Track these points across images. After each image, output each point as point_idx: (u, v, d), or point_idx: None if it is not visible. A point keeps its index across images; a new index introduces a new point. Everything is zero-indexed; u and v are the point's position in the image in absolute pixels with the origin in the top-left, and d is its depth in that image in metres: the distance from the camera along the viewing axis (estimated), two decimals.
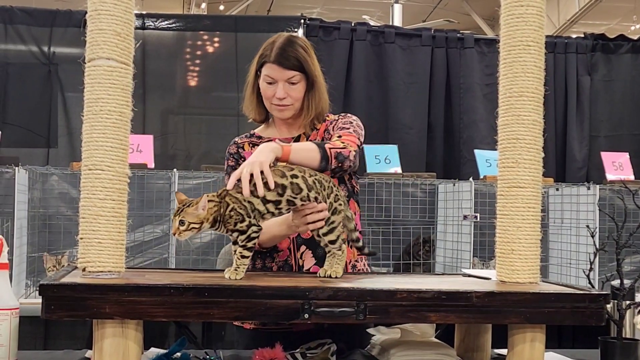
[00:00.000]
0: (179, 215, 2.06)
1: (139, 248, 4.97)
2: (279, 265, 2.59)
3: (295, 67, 2.55)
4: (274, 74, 2.56)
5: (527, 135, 2.17)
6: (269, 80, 2.58)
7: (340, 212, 2.24)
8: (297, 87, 2.58)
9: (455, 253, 5.05)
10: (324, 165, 2.37)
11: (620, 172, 5.28)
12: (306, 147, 2.38)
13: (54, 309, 1.77)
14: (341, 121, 2.66)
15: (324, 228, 2.21)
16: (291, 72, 2.55)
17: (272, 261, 2.60)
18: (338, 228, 2.22)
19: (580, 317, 1.99)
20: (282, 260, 2.58)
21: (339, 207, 2.24)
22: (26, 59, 5.58)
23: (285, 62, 2.54)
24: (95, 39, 2.00)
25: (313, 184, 2.18)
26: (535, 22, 2.18)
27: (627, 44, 6.35)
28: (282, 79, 2.56)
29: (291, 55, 2.55)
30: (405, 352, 2.30)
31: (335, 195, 2.23)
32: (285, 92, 2.56)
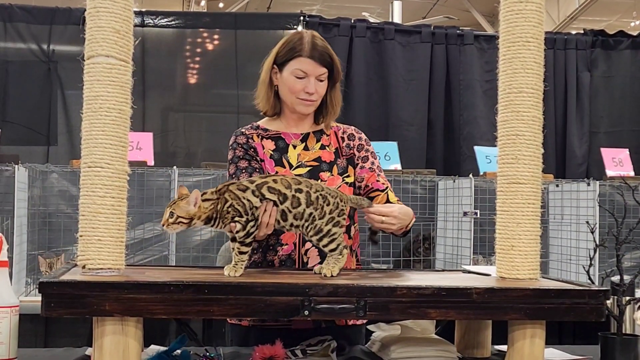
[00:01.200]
0: (170, 207, 2.08)
1: (139, 245, 4.97)
2: (281, 259, 2.57)
3: (327, 64, 2.58)
4: (307, 69, 2.56)
5: (527, 132, 2.16)
6: (300, 75, 2.57)
7: (342, 226, 2.22)
8: (324, 84, 2.61)
9: (455, 249, 5.05)
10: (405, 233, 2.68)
11: (620, 168, 5.28)
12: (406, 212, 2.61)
13: (53, 307, 1.78)
14: (367, 149, 2.75)
15: (324, 240, 2.18)
16: (323, 69, 2.57)
17: (275, 254, 2.57)
18: (338, 238, 2.19)
19: (580, 313, 1.99)
20: (285, 255, 2.57)
21: (342, 222, 2.21)
22: (26, 56, 5.58)
23: (320, 58, 2.56)
24: (94, 36, 2.00)
25: (316, 200, 2.17)
26: (534, 18, 2.18)
27: (626, 40, 6.34)
28: (314, 74, 2.57)
29: (325, 52, 2.58)
30: (405, 349, 2.30)
31: (340, 210, 2.21)
32: (314, 87, 2.57)
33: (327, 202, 2.19)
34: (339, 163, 2.65)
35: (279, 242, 2.57)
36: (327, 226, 2.18)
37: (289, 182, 2.18)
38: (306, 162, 2.62)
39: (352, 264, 2.66)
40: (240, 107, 5.59)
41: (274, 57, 2.63)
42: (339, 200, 2.21)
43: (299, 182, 2.19)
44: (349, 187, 2.63)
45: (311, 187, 2.19)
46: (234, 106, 5.65)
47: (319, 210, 2.18)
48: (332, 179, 2.60)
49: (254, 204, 2.13)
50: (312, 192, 2.18)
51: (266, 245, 2.59)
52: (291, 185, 2.18)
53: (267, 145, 2.63)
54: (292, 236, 2.55)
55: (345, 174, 2.63)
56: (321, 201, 2.18)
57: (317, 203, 2.18)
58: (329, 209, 2.19)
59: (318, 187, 2.20)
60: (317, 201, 2.18)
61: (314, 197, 2.18)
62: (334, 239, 2.19)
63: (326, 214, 2.18)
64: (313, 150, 2.65)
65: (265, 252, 2.60)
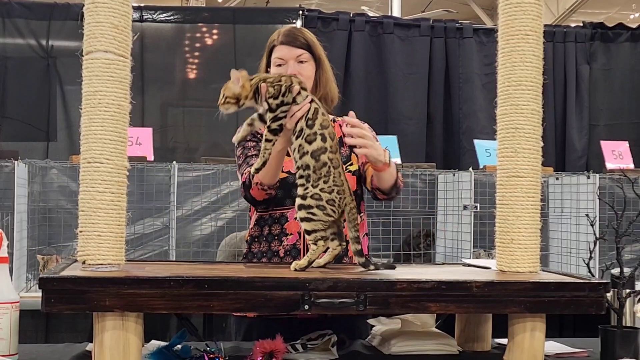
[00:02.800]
0: (222, 89, 2.20)
1: (139, 241, 4.97)
2: (286, 249, 2.59)
3: (303, 45, 2.63)
4: (283, 54, 2.63)
5: (526, 125, 2.16)
6: (279, 62, 2.64)
7: (328, 216, 2.14)
8: (306, 66, 2.65)
9: (455, 243, 5.05)
10: (391, 191, 2.58)
11: (620, 161, 5.28)
12: (394, 171, 2.56)
13: (54, 302, 1.77)
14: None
15: (301, 212, 2.15)
16: (299, 50, 2.63)
17: (280, 244, 2.59)
18: (317, 223, 2.14)
19: (581, 306, 1.99)
20: (290, 245, 2.58)
21: (328, 211, 2.14)
22: (24, 52, 5.57)
23: (293, 42, 2.63)
24: (93, 31, 2.00)
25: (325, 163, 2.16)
26: (533, 11, 2.18)
27: (626, 32, 6.33)
28: (291, 57, 2.63)
29: (298, 35, 2.66)
30: (405, 343, 2.31)
31: (332, 199, 2.14)
32: (295, 70, 2.60)
33: (329, 178, 2.15)
34: (341, 152, 2.65)
35: (284, 231, 2.59)
36: (311, 200, 2.14)
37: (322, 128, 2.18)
38: None
39: None
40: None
41: (265, 57, 2.73)
42: (339, 192, 2.15)
43: (329, 138, 2.18)
44: (352, 175, 2.64)
45: (333, 157, 2.16)
46: None
47: (320, 174, 2.15)
48: None
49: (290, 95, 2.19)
50: (328, 155, 2.16)
51: (271, 235, 2.61)
52: (324, 131, 2.17)
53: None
54: (296, 226, 2.55)
55: (349, 162, 2.64)
56: (325, 170, 2.15)
57: (324, 167, 2.15)
58: (327, 185, 2.15)
59: (337, 165, 2.17)
60: (325, 166, 2.15)
61: (325, 158, 2.15)
62: (310, 218, 2.14)
63: (322, 185, 2.15)
64: None
65: (270, 242, 2.61)
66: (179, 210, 4.91)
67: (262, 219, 2.66)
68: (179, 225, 4.91)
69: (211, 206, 5.14)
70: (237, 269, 2.27)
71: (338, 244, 2.19)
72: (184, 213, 5.10)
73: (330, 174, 2.15)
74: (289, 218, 2.59)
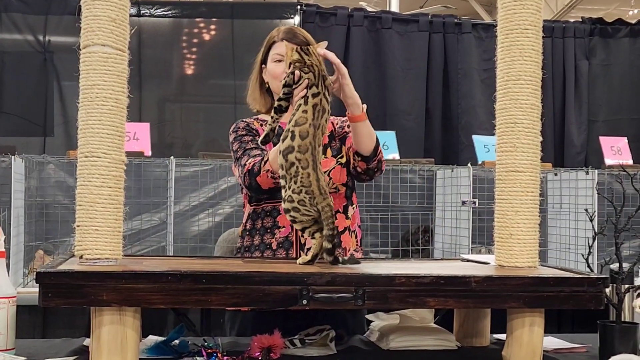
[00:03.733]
0: None
1: (136, 236, 4.97)
2: (278, 241, 2.61)
3: (303, 43, 2.59)
4: (282, 51, 2.60)
5: (525, 120, 2.16)
6: (277, 58, 2.66)
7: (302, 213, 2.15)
8: None
9: (454, 239, 5.05)
10: (370, 157, 2.53)
11: (619, 157, 5.28)
12: (372, 129, 2.52)
13: (51, 297, 1.77)
14: None
15: (286, 215, 2.17)
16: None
17: (272, 237, 2.61)
18: (301, 223, 2.16)
19: (579, 301, 1.99)
20: (282, 237, 2.60)
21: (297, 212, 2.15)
22: (21, 47, 5.56)
23: (294, 39, 2.61)
24: (90, 25, 1.99)
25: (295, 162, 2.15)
26: (533, 5, 2.17)
27: (625, 28, 6.32)
28: None
29: (298, 33, 2.68)
30: (404, 338, 2.31)
31: (302, 200, 2.14)
32: None
33: (297, 179, 2.14)
34: (332, 145, 2.68)
35: (276, 224, 2.61)
36: (287, 203, 2.15)
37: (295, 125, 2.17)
38: None
39: (352, 244, 2.67)
40: (237, 97, 5.57)
41: (261, 58, 2.75)
42: (307, 192, 2.13)
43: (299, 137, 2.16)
44: (343, 167, 2.65)
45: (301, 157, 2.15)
46: (231, 96, 5.64)
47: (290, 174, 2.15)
48: (325, 161, 2.61)
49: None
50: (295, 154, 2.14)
51: (264, 228, 2.63)
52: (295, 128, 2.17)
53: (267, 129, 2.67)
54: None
55: (340, 154, 2.65)
56: (294, 170, 2.15)
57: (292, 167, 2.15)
58: (297, 186, 2.14)
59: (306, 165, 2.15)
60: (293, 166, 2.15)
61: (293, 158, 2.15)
62: (294, 220, 2.16)
63: (292, 186, 2.15)
64: None
65: (263, 235, 2.64)
66: (176, 205, 4.90)
67: (254, 212, 2.68)
68: (177, 221, 4.91)
69: (209, 201, 5.13)
70: (235, 263, 2.26)
71: (319, 235, 2.18)
72: (182, 208, 5.09)
73: (299, 174, 2.14)
74: (281, 211, 2.58)
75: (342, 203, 2.66)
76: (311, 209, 2.14)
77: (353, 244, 2.68)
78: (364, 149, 2.53)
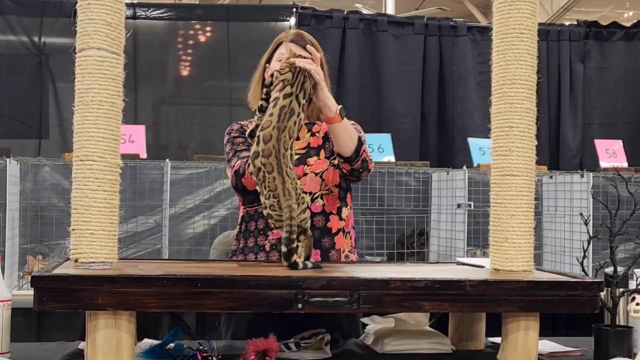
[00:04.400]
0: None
1: (131, 239, 4.96)
2: (271, 243, 2.61)
3: (306, 46, 2.63)
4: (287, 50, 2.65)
5: (521, 123, 2.16)
6: (281, 58, 2.64)
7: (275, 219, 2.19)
8: None
9: (449, 242, 5.05)
10: (352, 158, 2.51)
11: (614, 160, 5.29)
12: (352, 130, 2.51)
13: (46, 301, 1.77)
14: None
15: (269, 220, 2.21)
16: (304, 52, 2.60)
17: (265, 239, 2.62)
18: (283, 227, 2.16)
19: (574, 305, 1.99)
20: (275, 239, 2.60)
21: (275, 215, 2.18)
22: (16, 49, 5.54)
23: (301, 41, 2.65)
24: (86, 28, 1.99)
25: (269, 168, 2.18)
26: (528, 9, 2.18)
27: (620, 31, 6.33)
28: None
29: (307, 37, 2.68)
30: (399, 342, 2.31)
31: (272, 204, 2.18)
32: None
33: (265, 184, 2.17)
34: (326, 147, 2.69)
35: (269, 226, 2.60)
36: (264, 209, 2.19)
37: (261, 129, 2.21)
38: (296, 151, 2.64)
39: (346, 245, 2.68)
40: (232, 100, 5.57)
41: (266, 57, 2.75)
42: (274, 196, 2.16)
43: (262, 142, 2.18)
44: (336, 169, 2.65)
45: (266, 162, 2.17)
46: (227, 98, 5.63)
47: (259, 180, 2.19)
48: (319, 162, 2.64)
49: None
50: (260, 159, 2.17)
51: (257, 230, 2.65)
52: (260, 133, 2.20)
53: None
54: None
55: (333, 156, 2.64)
56: (261, 176, 2.17)
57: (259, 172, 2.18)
58: (266, 191, 2.17)
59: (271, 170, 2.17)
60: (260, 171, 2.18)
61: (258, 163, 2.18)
62: (274, 226, 2.23)
63: (264, 191, 2.18)
64: (303, 140, 2.70)
65: (257, 237, 2.65)
66: (171, 208, 4.89)
67: (248, 214, 2.70)
68: (172, 224, 4.90)
69: (204, 204, 5.13)
70: (231, 267, 2.26)
71: (304, 237, 2.21)
72: (177, 211, 5.08)
73: (265, 179, 2.16)
74: None
75: (336, 204, 2.66)
76: (281, 213, 2.16)
77: (348, 245, 2.69)
78: (344, 151, 2.53)
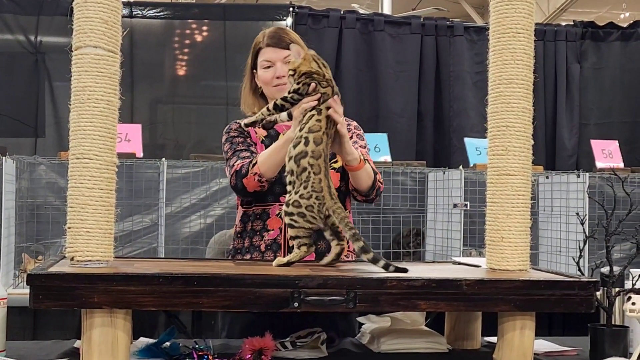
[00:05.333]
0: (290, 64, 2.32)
1: (127, 238, 4.95)
2: (267, 244, 2.62)
3: (287, 45, 2.60)
4: (270, 57, 2.68)
5: (517, 123, 2.17)
6: (266, 65, 2.68)
7: (309, 223, 2.18)
8: None
9: (445, 241, 5.05)
10: (369, 192, 2.58)
11: (610, 160, 5.29)
12: (370, 169, 2.56)
13: (42, 299, 1.77)
14: (355, 132, 2.76)
15: (286, 218, 2.20)
16: (286, 52, 2.62)
17: (261, 239, 2.63)
18: (299, 230, 2.18)
19: (570, 305, 1.99)
20: (271, 239, 2.62)
21: (305, 217, 2.17)
22: (13, 48, 5.53)
23: (279, 43, 2.66)
24: (82, 26, 1.99)
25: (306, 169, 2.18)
26: (525, 9, 2.18)
27: (616, 31, 6.33)
28: (278, 59, 2.67)
29: (283, 36, 2.68)
30: (395, 341, 2.31)
31: (311, 205, 2.17)
32: (283, 70, 2.62)
33: (307, 184, 2.17)
34: None
35: (265, 227, 2.63)
36: (292, 207, 2.18)
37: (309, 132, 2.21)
38: None
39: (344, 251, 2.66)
40: (229, 99, 5.56)
41: (250, 60, 2.77)
42: (317, 198, 2.17)
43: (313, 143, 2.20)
44: (337, 172, 2.65)
45: (314, 163, 2.18)
46: (223, 98, 5.63)
47: (301, 179, 2.18)
48: None
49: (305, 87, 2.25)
50: (309, 160, 2.18)
51: (253, 231, 2.65)
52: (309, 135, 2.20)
53: (259, 131, 2.71)
54: (277, 222, 2.60)
55: (333, 159, 2.64)
56: (305, 176, 2.18)
57: (304, 172, 2.18)
58: (306, 191, 2.17)
59: (317, 171, 2.18)
60: (305, 171, 2.18)
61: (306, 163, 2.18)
62: (292, 225, 2.18)
63: (301, 191, 2.18)
64: None
65: (252, 238, 2.65)
66: (167, 207, 4.89)
67: (245, 215, 2.70)
68: (168, 223, 4.90)
69: (200, 203, 5.13)
70: (227, 266, 2.26)
71: (337, 244, 2.24)
72: (173, 210, 5.08)
73: (310, 179, 2.17)
74: (271, 214, 2.64)
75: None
76: (317, 216, 2.17)
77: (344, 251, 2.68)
78: (362, 188, 2.59)
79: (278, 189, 2.60)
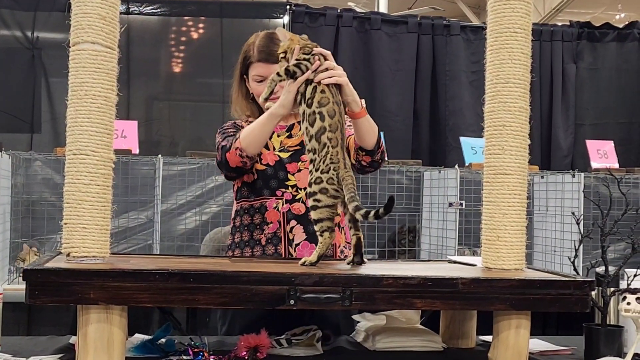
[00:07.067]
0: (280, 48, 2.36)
1: (123, 234, 4.95)
2: (267, 237, 2.63)
3: (277, 60, 2.57)
4: (261, 72, 2.66)
5: (514, 122, 2.17)
6: (258, 79, 2.67)
7: (332, 199, 2.16)
8: None
9: (441, 240, 5.06)
10: (374, 150, 2.54)
11: (605, 160, 5.30)
12: (373, 123, 2.53)
13: (38, 295, 1.76)
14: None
15: (309, 200, 2.17)
16: (277, 66, 2.55)
17: (261, 233, 2.64)
18: (323, 210, 2.16)
19: (566, 304, 1.99)
20: (271, 232, 2.63)
21: (331, 195, 2.15)
22: (9, 43, 5.52)
23: (270, 58, 2.62)
24: (80, 22, 1.99)
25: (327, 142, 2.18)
26: (522, 8, 2.18)
27: (612, 32, 6.36)
28: (269, 74, 2.56)
29: (273, 50, 2.59)
30: (390, 339, 2.31)
31: (330, 177, 2.16)
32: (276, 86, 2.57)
33: (326, 158, 2.17)
34: None
35: (265, 220, 2.63)
36: (314, 186, 2.16)
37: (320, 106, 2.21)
38: (289, 147, 2.70)
39: (341, 240, 2.69)
40: (225, 96, 5.54)
41: (239, 67, 2.75)
42: (334, 169, 2.16)
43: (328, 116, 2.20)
44: None
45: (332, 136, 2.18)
46: (219, 95, 5.63)
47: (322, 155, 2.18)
48: None
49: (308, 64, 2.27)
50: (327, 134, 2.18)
51: (253, 225, 2.65)
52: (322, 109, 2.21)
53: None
54: (276, 215, 2.62)
55: None
56: (325, 151, 2.17)
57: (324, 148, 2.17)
58: (324, 165, 2.16)
59: (335, 144, 2.18)
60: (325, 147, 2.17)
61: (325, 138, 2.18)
62: (316, 206, 2.16)
63: (321, 166, 2.17)
64: (296, 137, 2.71)
65: (252, 231, 2.66)
66: (163, 204, 4.89)
67: (242, 209, 2.70)
68: (164, 219, 4.90)
69: (196, 200, 5.13)
70: (223, 263, 2.26)
71: (354, 233, 2.24)
72: (169, 207, 5.08)
73: (328, 153, 2.16)
74: (269, 207, 2.64)
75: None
76: (339, 188, 2.15)
77: (342, 241, 2.70)
78: (368, 143, 2.54)
79: (274, 183, 2.62)
